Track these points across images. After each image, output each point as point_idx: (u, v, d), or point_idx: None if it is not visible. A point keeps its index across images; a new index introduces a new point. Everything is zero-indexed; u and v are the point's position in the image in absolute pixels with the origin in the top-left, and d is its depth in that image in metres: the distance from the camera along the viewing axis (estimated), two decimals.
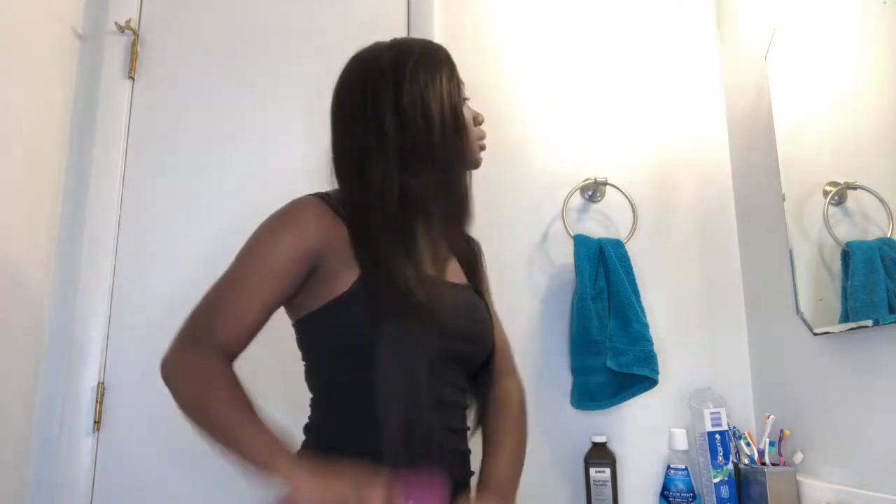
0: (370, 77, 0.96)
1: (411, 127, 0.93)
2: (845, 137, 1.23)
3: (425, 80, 0.95)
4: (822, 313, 1.26)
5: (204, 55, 1.63)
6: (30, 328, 1.41)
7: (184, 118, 1.59)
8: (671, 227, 1.60)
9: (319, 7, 1.68)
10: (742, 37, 1.61)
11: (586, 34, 1.69)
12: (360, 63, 0.99)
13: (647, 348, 1.41)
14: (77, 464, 1.41)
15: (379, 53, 0.98)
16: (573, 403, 1.46)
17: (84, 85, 1.58)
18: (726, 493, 1.35)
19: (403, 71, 0.94)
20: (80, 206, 1.52)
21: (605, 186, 1.57)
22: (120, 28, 1.58)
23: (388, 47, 0.99)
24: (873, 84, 1.16)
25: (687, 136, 1.66)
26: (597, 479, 1.40)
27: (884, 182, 1.11)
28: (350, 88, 0.98)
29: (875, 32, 1.16)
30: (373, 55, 0.99)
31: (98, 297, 1.48)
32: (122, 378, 1.46)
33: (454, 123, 0.96)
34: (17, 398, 1.37)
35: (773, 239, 1.43)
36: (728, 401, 1.50)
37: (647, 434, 1.49)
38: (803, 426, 1.34)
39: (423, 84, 0.94)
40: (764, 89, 1.46)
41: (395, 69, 0.95)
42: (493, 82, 1.65)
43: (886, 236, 1.10)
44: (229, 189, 1.56)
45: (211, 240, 1.53)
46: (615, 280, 1.45)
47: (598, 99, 1.66)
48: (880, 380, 1.13)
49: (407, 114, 0.93)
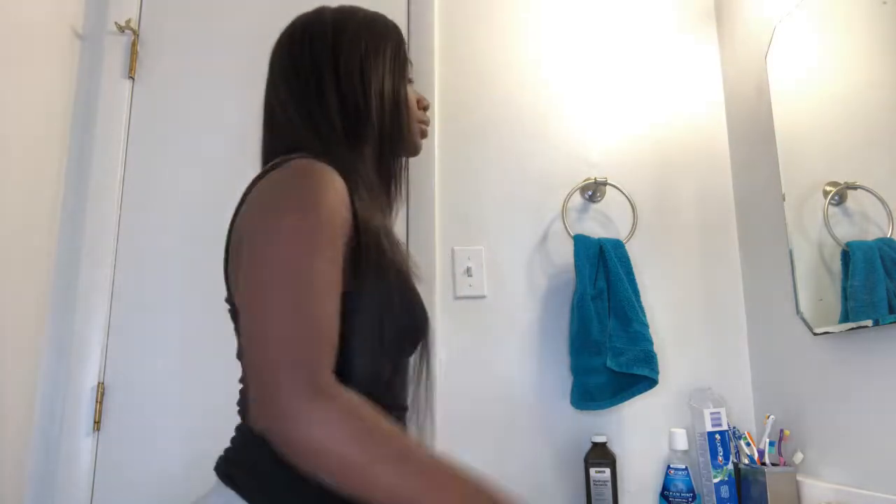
0: (309, 35, 0.90)
1: (349, 97, 0.86)
2: (845, 137, 1.23)
3: (367, 49, 0.88)
4: (822, 313, 1.26)
5: (204, 55, 1.63)
6: (30, 328, 1.41)
7: (184, 118, 1.59)
8: (671, 227, 1.61)
9: (319, 7, 1.67)
10: (742, 37, 1.61)
11: (587, 35, 1.69)
12: (301, 22, 0.94)
13: (647, 348, 1.41)
14: (77, 464, 1.41)
15: (321, 14, 0.93)
16: (573, 403, 1.46)
17: (84, 85, 1.58)
18: (726, 493, 1.35)
19: (344, 34, 0.89)
20: (80, 206, 1.52)
21: (605, 186, 1.57)
22: (120, 28, 1.58)
23: (332, 10, 0.93)
24: (873, 84, 1.16)
25: (687, 136, 1.66)
26: (597, 479, 1.40)
27: (884, 182, 1.11)
28: (289, 42, 0.92)
29: (875, 32, 1.16)
30: (316, 15, 0.93)
31: (98, 297, 1.48)
32: (122, 378, 1.46)
33: (393, 100, 0.89)
34: (17, 398, 1.37)
35: (773, 239, 1.43)
36: (728, 401, 1.50)
37: (647, 434, 1.49)
38: (803, 426, 1.34)
39: (364, 53, 0.88)
40: (764, 89, 1.46)
41: (335, 31, 0.89)
42: (492, 82, 1.65)
43: (886, 236, 1.10)
44: (229, 189, 1.56)
45: (211, 240, 1.53)
46: (615, 280, 1.45)
47: (598, 99, 1.66)
48: (880, 380, 1.13)
49: (343, 81, 0.86)
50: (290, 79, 0.90)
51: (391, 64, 0.90)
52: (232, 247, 0.79)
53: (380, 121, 0.87)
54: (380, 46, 0.90)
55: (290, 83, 0.89)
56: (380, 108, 0.87)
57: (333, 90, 0.86)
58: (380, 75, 0.88)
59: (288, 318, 0.63)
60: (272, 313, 0.63)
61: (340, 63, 0.87)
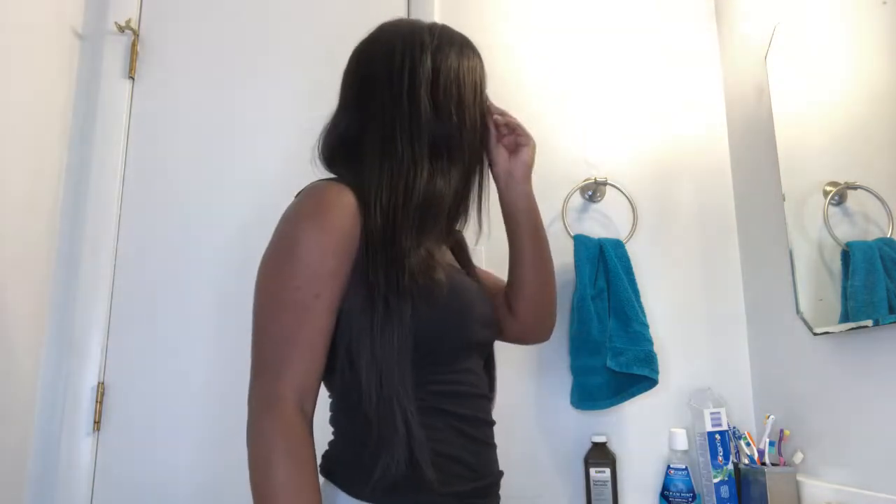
0: (408, 45, 0.86)
1: (444, 114, 0.85)
2: (845, 137, 1.23)
3: (463, 67, 0.87)
4: (822, 313, 1.26)
5: (204, 55, 1.63)
6: (30, 328, 1.41)
7: (184, 118, 1.59)
8: (671, 227, 1.60)
9: (319, 7, 1.68)
10: (742, 37, 1.60)
11: (586, 34, 1.69)
12: (395, 28, 0.90)
13: (646, 348, 1.41)
14: (77, 464, 1.41)
15: (418, 24, 0.90)
16: (573, 403, 1.46)
17: (84, 85, 1.58)
18: (726, 493, 1.35)
19: (444, 49, 0.87)
20: (80, 206, 1.52)
21: (605, 186, 1.57)
22: (120, 28, 1.58)
23: (426, 24, 0.91)
24: (873, 84, 1.16)
25: (687, 136, 1.66)
26: (597, 479, 1.40)
27: (884, 182, 1.11)
28: (384, 52, 0.87)
29: (875, 32, 1.16)
30: (411, 24, 0.90)
31: (98, 297, 1.48)
32: (122, 378, 1.46)
33: (483, 122, 0.89)
34: (17, 398, 1.37)
35: (773, 239, 1.43)
36: (728, 401, 1.50)
37: (647, 434, 1.49)
38: (803, 426, 1.34)
39: (460, 71, 0.86)
40: (764, 89, 1.46)
41: (435, 44, 0.87)
42: (492, 83, 1.64)
43: (886, 236, 1.10)
44: (229, 189, 1.56)
45: (211, 240, 1.53)
46: (615, 280, 1.45)
47: (598, 99, 1.66)
48: (880, 380, 1.13)
49: (441, 98, 0.85)
50: (380, 96, 0.88)
51: (481, 80, 0.93)
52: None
53: (470, 145, 0.90)
54: (474, 63, 0.92)
55: (380, 97, 0.88)
56: (472, 132, 0.89)
57: (429, 112, 0.86)
58: (472, 95, 0.90)
59: (256, 338, 0.78)
60: (253, 333, 0.78)
61: (439, 85, 0.87)
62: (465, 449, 0.83)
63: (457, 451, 0.82)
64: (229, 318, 1.45)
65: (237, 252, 1.50)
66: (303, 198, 0.82)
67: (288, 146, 1.58)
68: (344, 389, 0.83)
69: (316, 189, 0.81)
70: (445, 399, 0.82)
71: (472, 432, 0.84)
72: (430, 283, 0.79)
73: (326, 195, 0.79)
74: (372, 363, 0.76)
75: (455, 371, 0.85)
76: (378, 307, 0.77)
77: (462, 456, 0.82)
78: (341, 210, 0.78)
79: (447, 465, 0.80)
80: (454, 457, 0.81)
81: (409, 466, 0.75)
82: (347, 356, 0.79)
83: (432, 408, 0.81)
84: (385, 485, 0.75)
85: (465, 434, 0.83)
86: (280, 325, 0.76)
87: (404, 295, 0.77)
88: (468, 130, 0.88)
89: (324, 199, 0.79)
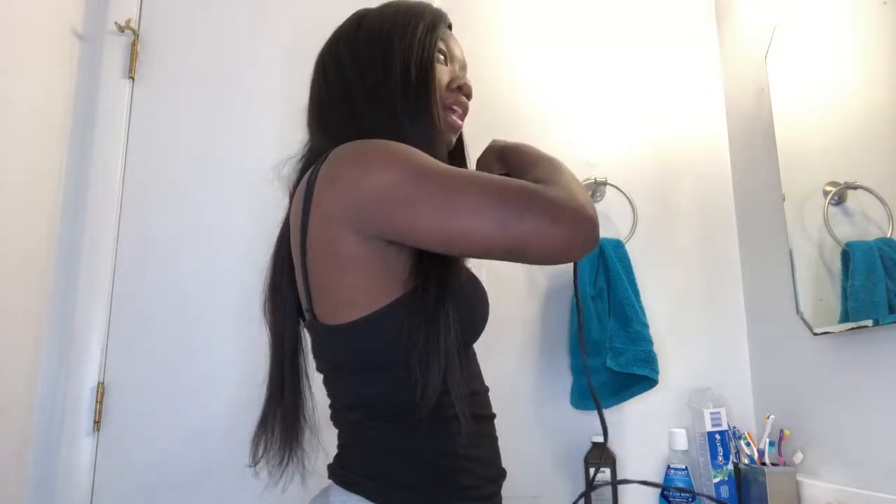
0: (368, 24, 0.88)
1: (367, 71, 0.82)
2: (845, 137, 1.23)
3: (396, 25, 0.84)
4: (822, 313, 1.26)
5: (204, 55, 1.63)
6: (30, 328, 1.41)
7: (184, 118, 1.59)
8: (671, 227, 1.61)
9: (319, 7, 1.67)
10: (742, 37, 1.61)
11: (586, 34, 1.69)
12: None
13: (646, 348, 1.41)
14: (77, 464, 1.41)
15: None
16: (573, 403, 1.46)
17: (84, 85, 1.58)
18: (726, 493, 1.35)
19: (365, 19, 0.88)
20: (80, 206, 1.52)
21: (605, 186, 1.57)
22: (120, 28, 1.58)
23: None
24: (873, 84, 1.16)
25: (687, 137, 1.66)
26: (597, 479, 1.40)
27: (884, 182, 1.11)
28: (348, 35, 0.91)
29: (875, 32, 1.16)
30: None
31: (98, 297, 1.48)
32: (122, 378, 1.46)
33: (420, 78, 0.81)
34: (17, 398, 1.37)
35: (773, 239, 1.43)
36: (728, 401, 1.50)
37: (647, 434, 1.49)
38: (803, 426, 1.34)
39: (391, 28, 0.84)
40: (764, 89, 1.46)
41: (360, 19, 0.89)
42: (492, 83, 1.65)
43: (886, 236, 1.10)
44: (229, 189, 1.56)
45: (211, 239, 1.53)
46: (615, 280, 1.45)
47: (598, 99, 1.66)
48: (880, 380, 1.13)
49: (363, 55, 0.84)
50: (331, 72, 0.90)
51: (423, 38, 0.83)
52: (315, 240, 0.75)
53: (402, 99, 0.80)
54: (410, 22, 0.84)
55: (332, 76, 0.90)
56: (402, 85, 0.80)
57: (352, 73, 0.85)
58: (403, 49, 0.82)
59: (479, 190, 0.67)
60: (468, 198, 0.66)
61: (360, 45, 0.86)
62: (491, 449, 0.82)
63: (485, 454, 0.80)
64: (229, 317, 1.45)
65: (237, 252, 1.50)
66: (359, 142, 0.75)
67: (288, 146, 1.58)
68: (385, 391, 0.74)
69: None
70: (471, 399, 0.79)
71: (489, 431, 0.83)
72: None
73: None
74: (436, 362, 0.70)
75: (471, 366, 0.84)
76: (429, 304, 0.72)
77: (489, 457, 0.81)
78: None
79: (481, 469, 0.78)
80: (484, 459, 0.80)
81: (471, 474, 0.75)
82: (394, 354, 0.72)
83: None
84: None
85: (485, 434, 0.82)
86: (461, 173, 0.69)
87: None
88: (396, 81, 0.81)
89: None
